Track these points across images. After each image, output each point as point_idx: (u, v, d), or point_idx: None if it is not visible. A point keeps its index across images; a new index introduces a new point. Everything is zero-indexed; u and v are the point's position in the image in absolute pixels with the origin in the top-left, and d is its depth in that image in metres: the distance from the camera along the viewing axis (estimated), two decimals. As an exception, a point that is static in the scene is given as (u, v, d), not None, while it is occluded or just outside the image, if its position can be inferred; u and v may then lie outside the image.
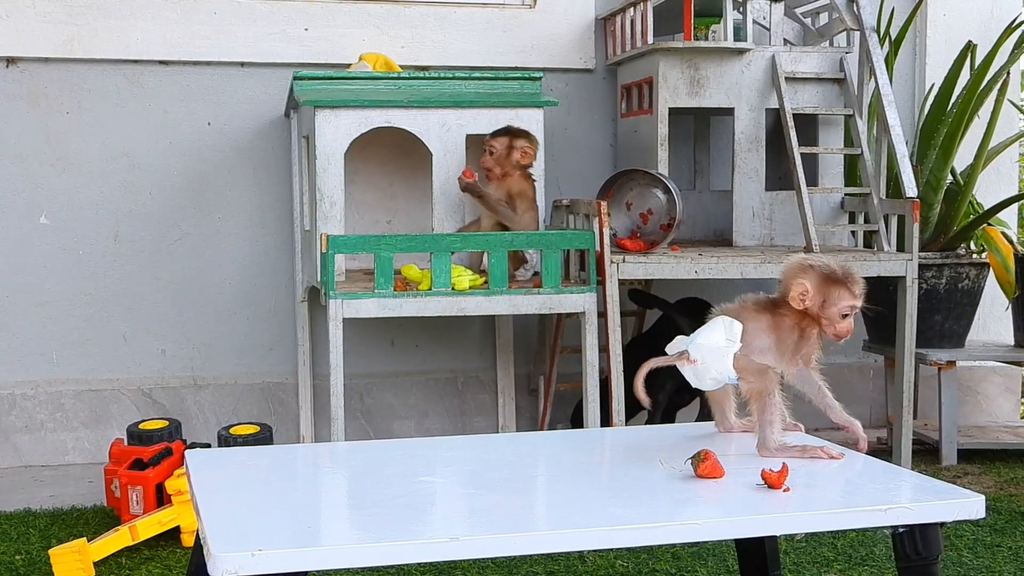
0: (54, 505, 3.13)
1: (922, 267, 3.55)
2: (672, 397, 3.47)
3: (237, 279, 3.73)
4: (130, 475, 2.81)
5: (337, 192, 3.21)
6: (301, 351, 3.70)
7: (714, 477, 1.78)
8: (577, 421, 3.59)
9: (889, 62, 3.75)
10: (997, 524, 2.93)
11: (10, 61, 3.57)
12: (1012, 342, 3.80)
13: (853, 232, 3.59)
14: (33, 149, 3.59)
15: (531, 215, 3.25)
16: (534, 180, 3.28)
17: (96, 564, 2.57)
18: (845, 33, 3.57)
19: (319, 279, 3.09)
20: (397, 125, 3.25)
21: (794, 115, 3.42)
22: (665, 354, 2.01)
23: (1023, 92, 4.24)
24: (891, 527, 1.68)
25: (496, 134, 3.23)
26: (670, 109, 3.46)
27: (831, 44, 3.63)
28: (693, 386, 2.03)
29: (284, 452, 2.26)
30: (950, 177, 3.74)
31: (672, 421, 3.55)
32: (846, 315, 1.97)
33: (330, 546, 1.50)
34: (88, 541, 2.56)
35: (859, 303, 1.98)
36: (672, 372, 1.98)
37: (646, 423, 3.41)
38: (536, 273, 3.18)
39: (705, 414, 3.49)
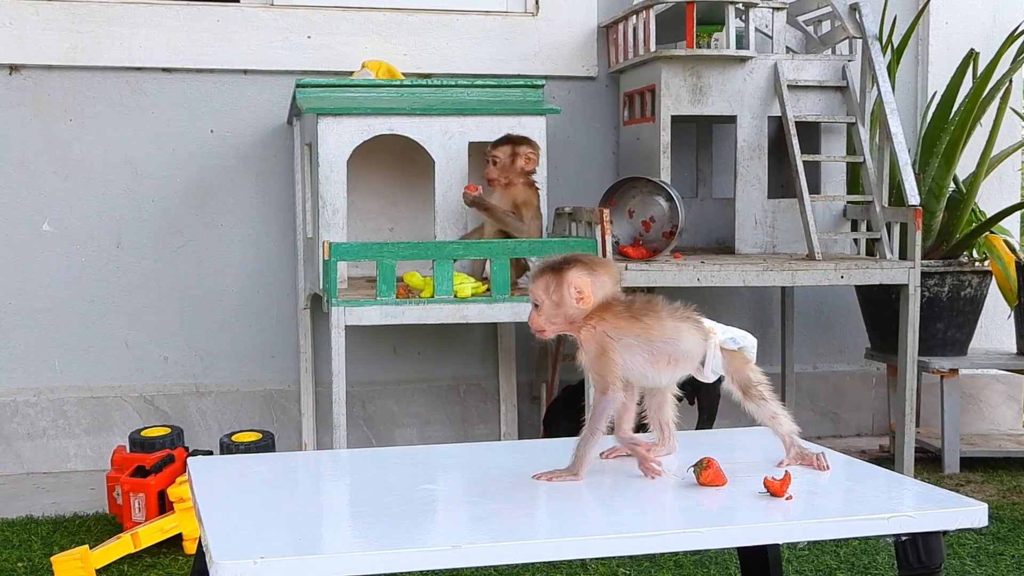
0: (56, 512, 3.13)
1: (924, 275, 3.55)
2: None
3: (239, 286, 3.74)
4: (132, 482, 2.81)
5: (339, 199, 3.21)
6: (303, 358, 3.70)
7: (716, 485, 1.78)
8: (549, 428, 3.60)
9: (891, 70, 3.75)
10: (1000, 532, 2.92)
11: (13, 68, 3.57)
12: (1014, 350, 3.80)
13: (855, 240, 3.59)
14: (36, 156, 3.60)
15: (536, 224, 3.26)
16: (538, 188, 3.28)
17: (98, 571, 2.56)
18: (847, 41, 3.58)
19: (321, 286, 3.09)
20: (399, 133, 3.26)
21: (796, 123, 3.42)
22: None
23: (1025, 100, 4.24)
24: (893, 535, 1.68)
25: (497, 144, 3.23)
26: (672, 117, 3.46)
27: (833, 52, 3.64)
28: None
29: (286, 460, 2.26)
30: (952, 185, 3.74)
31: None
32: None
33: (332, 554, 1.50)
34: (90, 548, 2.56)
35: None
36: None
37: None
38: (538, 281, 3.18)
39: (703, 423, 3.49)
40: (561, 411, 3.58)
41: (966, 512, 1.69)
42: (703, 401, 3.48)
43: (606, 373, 1.83)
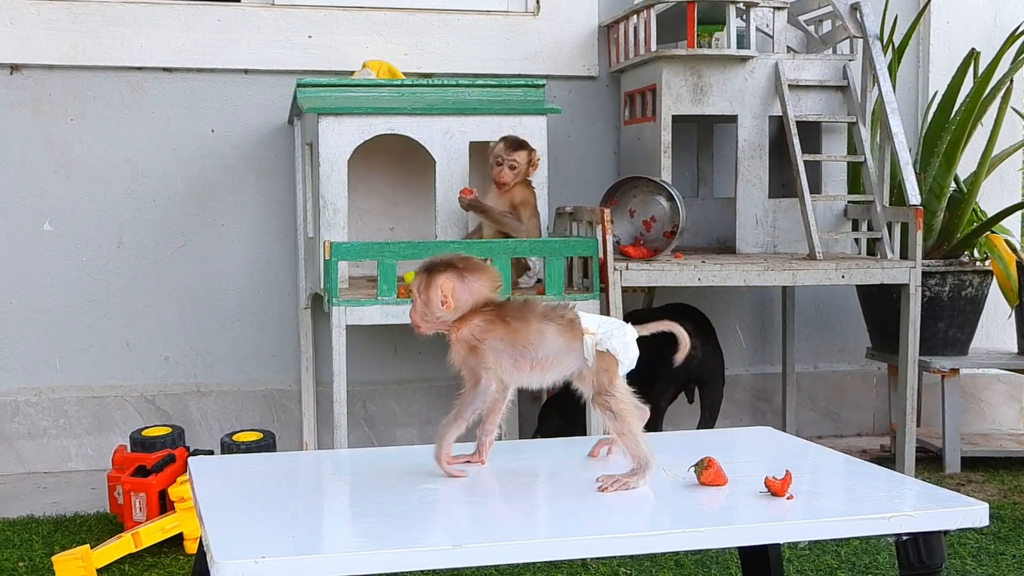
0: (57, 512, 3.13)
1: (925, 275, 3.55)
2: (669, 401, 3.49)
3: (240, 286, 3.74)
4: (133, 482, 2.81)
5: (340, 199, 3.21)
6: (304, 358, 3.70)
7: (717, 485, 1.78)
8: (541, 427, 3.60)
9: (892, 70, 3.75)
10: (1001, 532, 2.92)
11: (14, 68, 3.57)
12: (1015, 350, 3.80)
13: (856, 240, 3.59)
14: (37, 156, 3.60)
15: (535, 222, 3.26)
16: (534, 187, 3.28)
17: (99, 571, 2.57)
18: (848, 41, 3.57)
19: (322, 286, 3.09)
20: (400, 132, 3.26)
21: (797, 122, 3.42)
22: (665, 366, 1.97)
23: (1026, 100, 4.24)
24: (894, 535, 1.68)
25: (514, 148, 3.20)
26: (673, 116, 3.46)
27: (834, 52, 3.64)
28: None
29: (287, 459, 2.26)
30: (953, 185, 3.74)
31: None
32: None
33: (332, 554, 1.50)
34: (91, 548, 2.56)
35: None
36: (674, 376, 1.94)
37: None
38: (539, 280, 3.18)
39: (705, 422, 3.49)
40: (554, 410, 3.59)
41: (967, 512, 1.69)
42: (706, 400, 3.49)
43: (477, 367, 1.83)
